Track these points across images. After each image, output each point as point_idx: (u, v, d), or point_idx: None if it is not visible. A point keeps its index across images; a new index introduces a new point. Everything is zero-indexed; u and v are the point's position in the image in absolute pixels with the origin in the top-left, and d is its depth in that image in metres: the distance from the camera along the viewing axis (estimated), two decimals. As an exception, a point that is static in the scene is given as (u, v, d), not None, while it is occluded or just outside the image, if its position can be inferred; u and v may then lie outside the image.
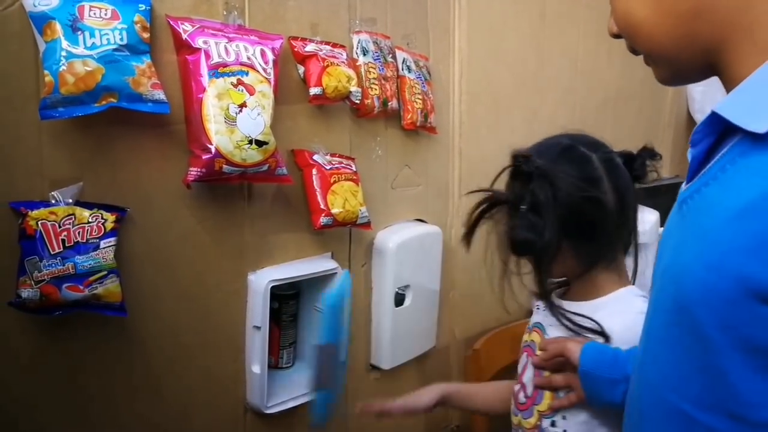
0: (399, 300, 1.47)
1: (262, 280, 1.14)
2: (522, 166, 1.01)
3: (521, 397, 1.10)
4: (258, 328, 1.14)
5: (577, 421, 1.01)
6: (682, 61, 0.62)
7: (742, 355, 0.54)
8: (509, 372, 1.78)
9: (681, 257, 0.60)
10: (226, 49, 0.99)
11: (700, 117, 2.59)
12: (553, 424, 1.03)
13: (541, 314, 1.13)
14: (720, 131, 0.59)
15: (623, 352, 0.93)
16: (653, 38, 0.62)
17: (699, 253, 0.57)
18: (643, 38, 0.63)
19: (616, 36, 0.68)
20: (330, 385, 1.14)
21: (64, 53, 0.82)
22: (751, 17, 0.55)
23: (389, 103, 1.34)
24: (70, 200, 0.88)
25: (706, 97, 2.54)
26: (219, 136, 0.96)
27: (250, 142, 0.99)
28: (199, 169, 0.96)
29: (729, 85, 0.59)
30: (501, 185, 1.10)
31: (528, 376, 1.09)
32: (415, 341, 1.54)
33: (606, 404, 0.93)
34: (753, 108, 0.54)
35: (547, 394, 1.04)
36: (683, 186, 0.64)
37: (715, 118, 0.57)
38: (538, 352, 1.06)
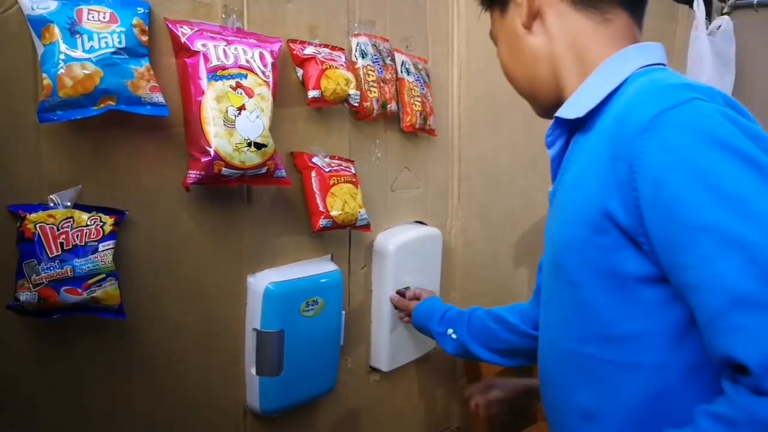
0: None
1: (262, 282, 1.14)
2: None
3: None
4: (258, 330, 1.14)
5: None
6: (539, 95, 0.88)
7: (597, 283, 0.73)
8: (509, 372, 1.78)
9: (553, 230, 0.82)
10: (224, 52, 1.00)
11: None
12: None
13: None
14: (568, 132, 0.84)
15: (453, 311, 1.31)
16: (518, 81, 0.91)
17: (560, 220, 0.79)
18: (514, 81, 0.92)
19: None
20: (274, 372, 1.15)
21: (62, 56, 0.82)
22: (570, 58, 0.82)
23: (388, 106, 1.34)
24: (69, 203, 0.88)
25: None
26: (218, 138, 0.96)
27: (249, 144, 0.99)
28: (198, 172, 0.96)
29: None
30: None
31: None
32: (415, 343, 1.53)
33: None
34: (573, 107, 0.81)
35: None
36: (550, 188, 0.86)
37: (556, 121, 0.83)
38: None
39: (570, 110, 0.81)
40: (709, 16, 2.70)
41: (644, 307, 0.70)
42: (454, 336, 1.28)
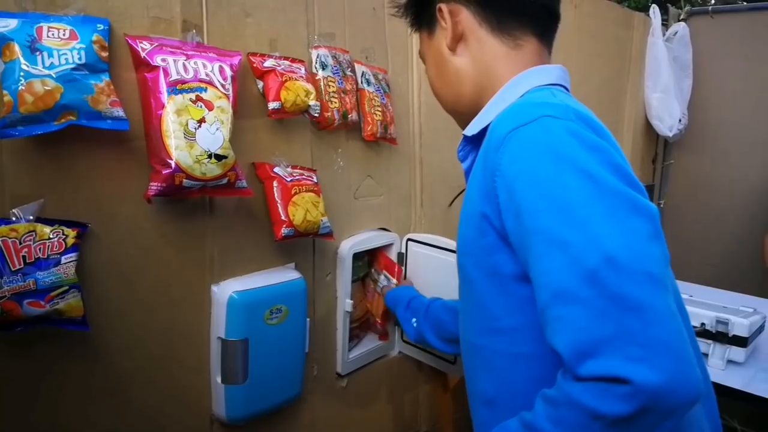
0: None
1: (226, 291, 1.16)
2: None
3: None
4: (222, 339, 1.16)
5: None
6: (462, 111, 0.96)
7: (485, 280, 0.82)
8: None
9: (458, 234, 0.89)
10: (184, 66, 1.02)
11: (657, 123, 2.68)
12: None
13: None
14: (477, 147, 0.91)
15: (417, 301, 1.41)
16: (445, 97, 0.98)
17: (461, 224, 0.88)
18: (441, 99, 1.00)
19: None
20: (240, 381, 1.18)
21: (22, 73, 0.84)
22: (487, 79, 0.91)
23: (349, 116, 1.37)
24: (31, 217, 0.89)
25: (662, 103, 2.62)
26: (179, 151, 0.98)
27: (210, 156, 1.01)
28: (159, 184, 0.98)
29: None
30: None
31: None
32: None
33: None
34: (474, 125, 0.91)
35: None
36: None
37: (464, 138, 0.94)
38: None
39: (472, 128, 0.91)
40: (666, 23, 2.79)
41: (520, 302, 0.79)
42: (415, 324, 1.39)
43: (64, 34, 0.89)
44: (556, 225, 0.67)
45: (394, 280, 1.56)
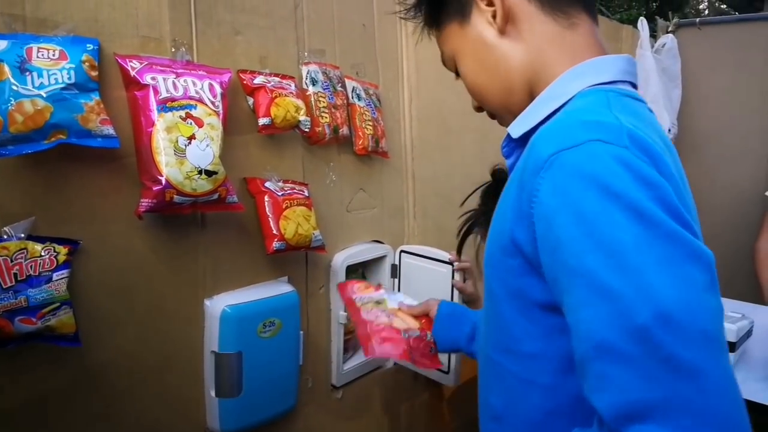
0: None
1: (218, 305, 1.17)
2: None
3: None
4: (216, 353, 1.17)
5: None
6: (515, 108, 0.82)
7: (508, 300, 0.76)
8: (471, 387, 1.82)
9: (487, 242, 0.82)
10: (174, 84, 1.03)
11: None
12: None
13: None
14: (523, 144, 0.80)
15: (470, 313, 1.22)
16: (492, 93, 0.84)
17: (490, 234, 0.80)
18: (487, 96, 0.85)
19: (478, 109, 0.91)
20: (233, 394, 1.18)
21: (12, 93, 0.86)
22: (540, 66, 0.79)
23: (340, 130, 1.39)
24: (22, 235, 0.90)
25: (652, 108, 2.65)
26: (169, 167, 0.99)
27: (200, 172, 1.03)
28: (150, 200, 0.99)
29: None
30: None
31: None
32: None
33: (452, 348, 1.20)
34: (518, 125, 0.80)
35: None
36: None
37: (507, 135, 0.83)
38: None
39: (516, 128, 0.81)
40: (654, 35, 2.82)
41: (544, 330, 0.73)
42: None
43: (53, 55, 0.90)
44: (602, 270, 0.58)
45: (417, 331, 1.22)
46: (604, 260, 0.59)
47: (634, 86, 0.79)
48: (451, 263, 1.49)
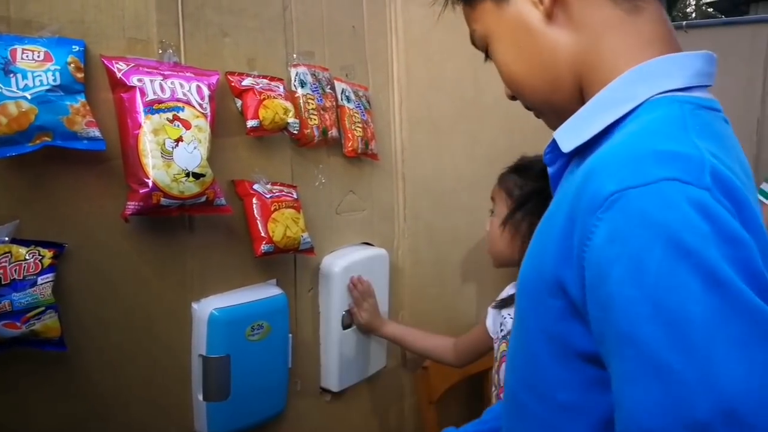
0: (350, 322, 1.50)
1: (206, 308, 1.16)
2: None
3: None
4: (203, 356, 1.16)
5: None
6: (557, 101, 0.71)
7: (545, 342, 0.64)
8: (459, 389, 1.83)
9: (525, 257, 0.71)
10: (161, 86, 1.03)
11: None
12: None
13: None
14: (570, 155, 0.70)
15: None
16: (532, 86, 0.72)
17: (530, 253, 0.69)
18: (526, 89, 0.74)
19: (512, 98, 0.80)
20: (222, 397, 1.18)
21: (-4, 96, 0.85)
22: (595, 58, 0.66)
23: (329, 132, 1.38)
24: (6, 238, 0.89)
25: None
26: (156, 170, 0.99)
27: (188, 174, 1.02)
28: (136, 203, 0.98)
29: None
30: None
31: None
32: (365, 362, 1.57)
33: None
34: (571, 132, 0.67)
35: None
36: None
37: (553, 142, 0.70)
38: None
39: (567, 139, 0.68)
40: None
41: (582, 382, 0.62)
42: None
43: (38, 56, 0.89)
44: (660, 343, 0.48)
45: None
46: (664, 332, 0.48)
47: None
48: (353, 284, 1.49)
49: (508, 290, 1.43)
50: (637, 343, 0.49)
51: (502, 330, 1.35)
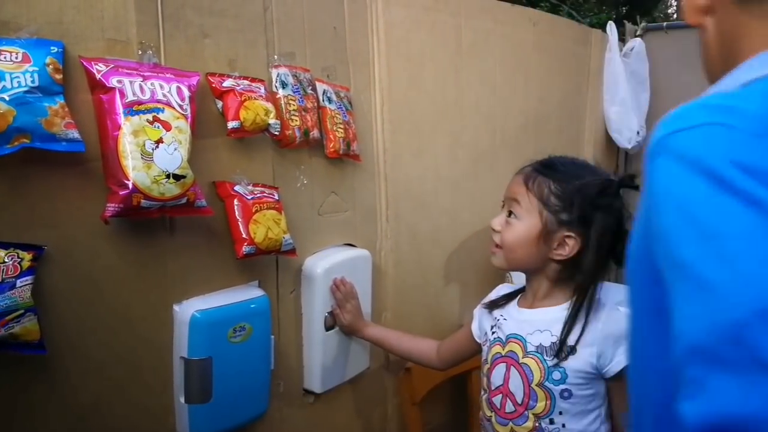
0: (332, 323, 1.50)
1: (188, 310, 1.16)
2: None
3: (509, 406, 1.21)
4: (185, 358, 1.16)
5: (573, 412, 1.16)
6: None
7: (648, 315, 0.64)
8: (443, 390, 1.84)
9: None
10: (141, 87, 1.02)
11: (616, 136, 2.74)
12: (551, 422, 1.17)
13: (512, 325, 1.25)
14: None
15: None
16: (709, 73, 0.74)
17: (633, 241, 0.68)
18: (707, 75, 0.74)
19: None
20: (203, 400, 1.18)
21: (-27, 97, 0.84)
22: (731, 55, 0.68)
23: (311, 133, 1.38)
24: (-16, 241, 0.89)
25: (620, 117, 2.68)
26: (136, 171, 0.98)
27: (168, 176, 1.02)
28: (116, 205, 0.98)
29: None
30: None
31: (515, 384, 1.20)
32: (348, 363, 1.57)
33: None
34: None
35: (541, 395, 1.17)
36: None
37: None
38: None
39: None
40: (623, 39, 2.87)
41: None
42: None
43: (16, 57, 0.89)
44: (699, 258, 0.51)
45: None
46: (703, 247, 0.52)
47: None
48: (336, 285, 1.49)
49: (500, 291, 1.40)
50: (681, 263, 0.53)
51: (494, 332, 1.30)
